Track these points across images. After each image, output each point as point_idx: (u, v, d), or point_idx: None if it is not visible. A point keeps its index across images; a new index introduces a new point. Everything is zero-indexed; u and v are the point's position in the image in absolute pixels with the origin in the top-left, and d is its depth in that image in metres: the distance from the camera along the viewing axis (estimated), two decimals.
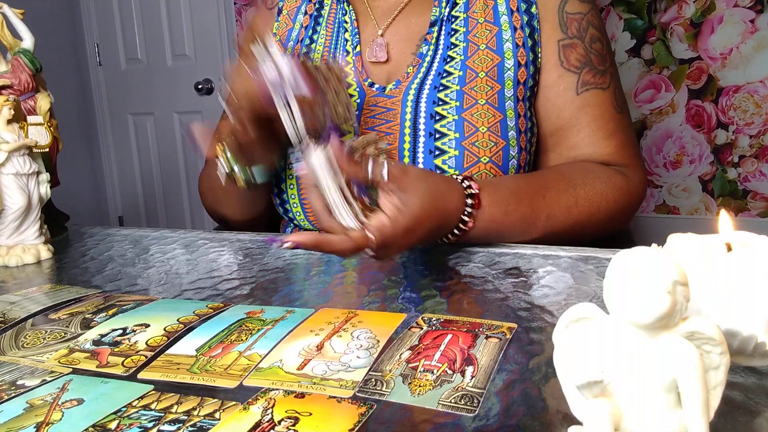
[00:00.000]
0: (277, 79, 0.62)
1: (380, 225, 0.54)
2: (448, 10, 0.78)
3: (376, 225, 0.54)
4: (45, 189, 0.74)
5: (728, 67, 2.22)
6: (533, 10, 0.77)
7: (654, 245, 0.34)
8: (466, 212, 0.62)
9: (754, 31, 2.16)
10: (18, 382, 0.41)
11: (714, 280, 0.36)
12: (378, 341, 0.45)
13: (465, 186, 0.62)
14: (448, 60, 0.77)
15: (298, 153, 0.58)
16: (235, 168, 0.74)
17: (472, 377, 0.39)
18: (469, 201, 0.62)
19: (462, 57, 0.76)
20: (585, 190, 0.70)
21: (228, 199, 0.85)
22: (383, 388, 0.38)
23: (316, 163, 0.54)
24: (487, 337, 0.44)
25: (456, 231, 0.62)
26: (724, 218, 0.38)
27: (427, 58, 0.78)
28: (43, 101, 0.81)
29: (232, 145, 0.70)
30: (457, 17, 0.78)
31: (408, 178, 0.56)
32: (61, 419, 0.37)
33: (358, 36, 0.83)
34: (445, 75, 0.76)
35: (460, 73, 0.76)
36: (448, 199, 0.60)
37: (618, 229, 0.77)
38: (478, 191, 0.62)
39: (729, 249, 0.37)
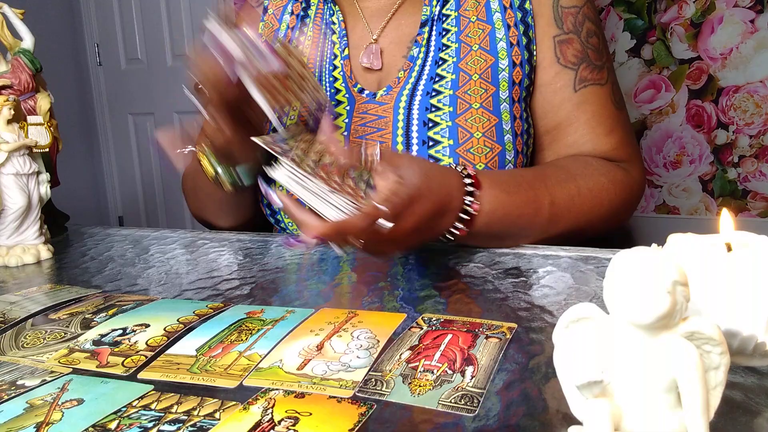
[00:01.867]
0: (242, 54, 0.56)
1: (385, 196, 0.51)
2: (438, 8, 0.76)
3: (381, 196, 0.51)
4: (45, 189, 0.74)
5: (728, 67, 2.22)
6: (527, 5, 0.74)
7: (654, 245, 0.34)
8: (467, 191, 0.60)
9: (754, 31, 2.16)
10: (18, 382, 0.41)
11: (714, 280, 0.36)
12: (378, 341, 0.45)
13: (460, 170, 0.61)
14: (440, 63, 0.74)
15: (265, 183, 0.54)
16: (219, 170, 0.71)
17: (472, 377, 0.39)
18: (468, 180, 0.60)
19: (454, 59, 0.74)
20: (586, 181, 0.69)
21: (212, 205, 0.82)
22: (383, 388, 0.38)
23: (283, 180, 0.52)
24: (487, 337, 0.44)
25: (464, 215, 0.60)
26: (726, 218, 0.38)
27: (419, 62, 0.75)
28: (43, 101, 0.81)
29: (212, 145, 0.65)
30: (448, 16, 0.75)
31: (401, 159, 0.56)
32: (61, 419, 0.37)
33: (346, 38, 0.79)
34: (437, 79, 0.73)
35: (453, 76, 0.73)
36: (445, 176, 0.59)
37: (619, 224, 0.76)
38: (474, 173, 0.61)
39: (729, 249, 0.37)
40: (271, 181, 0.62)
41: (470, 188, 0.60)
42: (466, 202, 0.60)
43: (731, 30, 2.19)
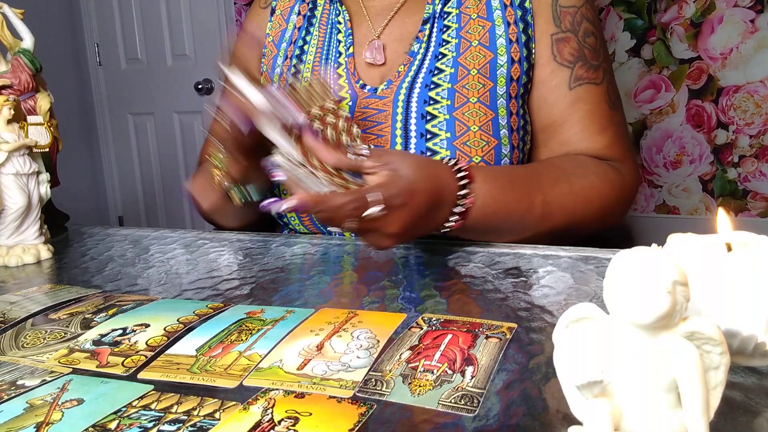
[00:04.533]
0: (268, 107, 0.58)
1: (380, 182, 0.54)
2: (440, 6, 0.77)
3: (376, 182, 0.54)
4: (45, 189, 0.74)
5: (728, 67, 2.22)
6: (527, 4, 0.75)
7: (654, 245, 0.34)
8: (461, 185, 0.61)
9: (754, 31, 2.16)
10: (18, 382, 0.41)
11: (714, 280, 0.36)
12: (378, 341, 0.45)
13: (452, 164, 0.62)
14: (440, 57, 0.75)
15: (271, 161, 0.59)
16: (231, 187, 0.73)
17: (472, 377, 0.39)
18: (460, 175, 0.62)
19: (454, 54, 0.75)
20: (578, 179, 0.70)
21: (221, 210, 0.82)
22: (383, 388, 0.38)
23: (281, 162, 0.57)
24: (487, 337, 0.44)
25: (459, 207, 0.61)
26: (722, 218, 0.38)
27: (419, 56, 0.76)
28: (43, 101, 0.81)
29: (228, 175, 0.68)
30: (449, 13, 0.77)
31: (391, 155, 0.58)
32: (61, 419, 0.37)
33: (351, 37, 0.81)
34: (436, 72, 0.75)
35: (452, 70, 0.74)
36: (437, 169, 0.60)
37: (613, 223, 0.76)
38: (467, 167, 0.62)
39: (729, 249, 0.37)
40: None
41: (463, 182, 0.61)
42: (460, 195, 0.61)
43: (731, 30, 2.19)
